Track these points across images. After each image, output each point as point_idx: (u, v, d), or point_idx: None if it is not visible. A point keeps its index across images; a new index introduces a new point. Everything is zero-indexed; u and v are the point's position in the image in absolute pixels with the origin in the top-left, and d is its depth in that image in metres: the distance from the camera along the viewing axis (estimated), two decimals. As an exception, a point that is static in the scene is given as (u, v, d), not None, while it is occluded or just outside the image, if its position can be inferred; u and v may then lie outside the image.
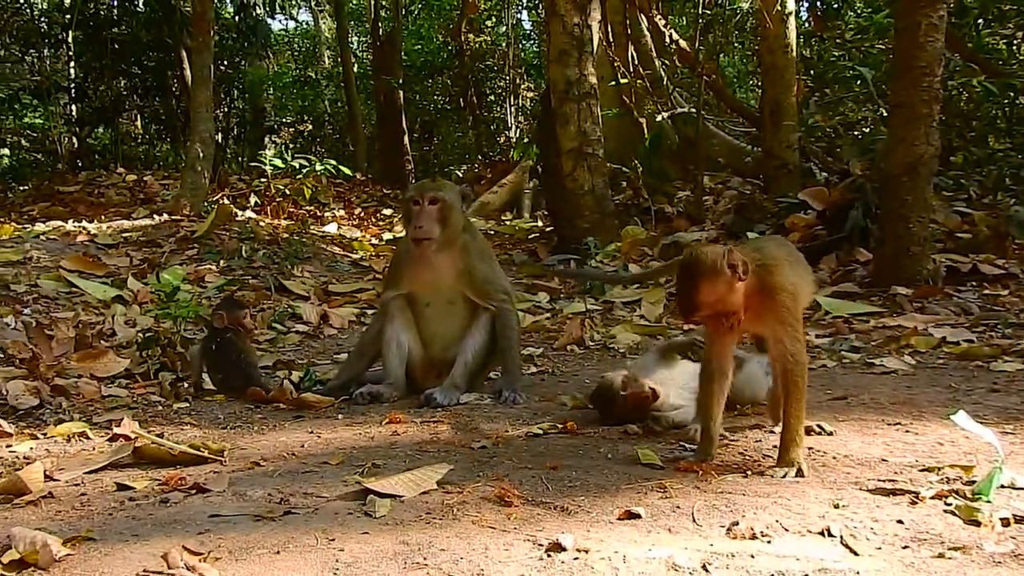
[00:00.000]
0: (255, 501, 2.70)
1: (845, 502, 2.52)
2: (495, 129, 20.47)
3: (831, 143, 10.38)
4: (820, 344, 5.27)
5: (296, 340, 6.28)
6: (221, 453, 3.27)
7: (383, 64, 17.45)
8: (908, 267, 6.25)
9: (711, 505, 2.54)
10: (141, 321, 6.06)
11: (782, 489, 2.66)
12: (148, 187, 13.46)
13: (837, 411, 3.67)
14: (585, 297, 7.02)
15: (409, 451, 3.30)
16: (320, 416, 4.10)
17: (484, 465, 3.06)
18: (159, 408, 4.29)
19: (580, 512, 2.52)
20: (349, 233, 11.41)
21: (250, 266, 8.30)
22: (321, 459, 3.22)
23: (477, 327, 4.48)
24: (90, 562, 2.24)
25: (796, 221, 7.85)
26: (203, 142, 10.83)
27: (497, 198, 13.48)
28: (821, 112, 10.63)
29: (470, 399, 4.32)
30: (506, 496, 2.64)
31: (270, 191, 11.82)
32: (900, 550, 2.19)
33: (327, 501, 2.68)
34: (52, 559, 2.23)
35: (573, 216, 8.85)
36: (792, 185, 9.01)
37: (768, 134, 9.49)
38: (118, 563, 2.22)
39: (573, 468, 2.98)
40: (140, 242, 8.88)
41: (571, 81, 8.79)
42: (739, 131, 12.37)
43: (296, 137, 20.52)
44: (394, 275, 4.69)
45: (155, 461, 3.21)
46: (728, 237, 8.27)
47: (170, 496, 2.77)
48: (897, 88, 6.37)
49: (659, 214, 9.68)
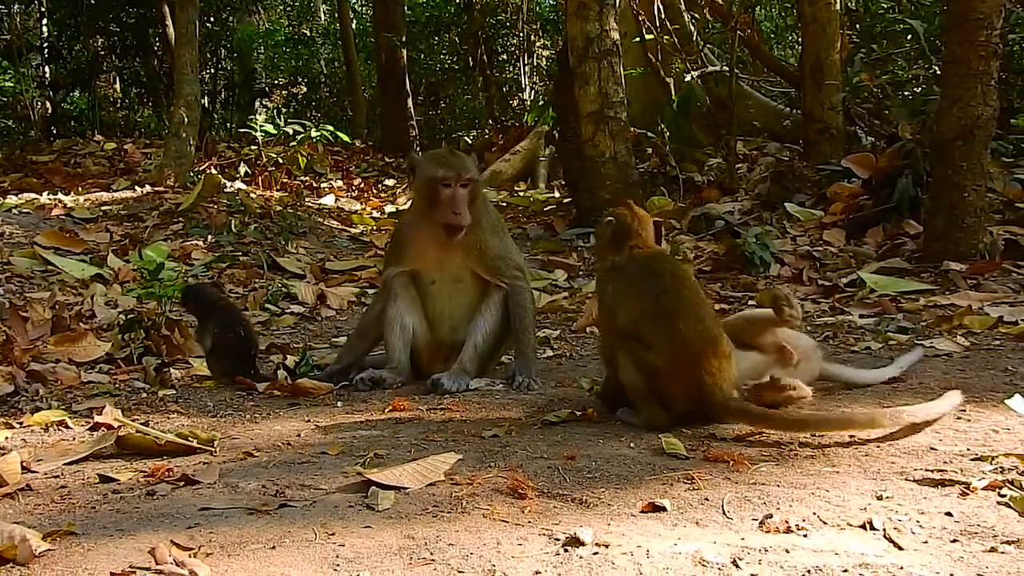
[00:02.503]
0: (248, 493, 2.74)
1: (889, 493, 2.54)
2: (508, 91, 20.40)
3: (878, 104, 10.32)
4: (864, 324, 5.27)
5: (291, 322, 6.32)
6: (211, 443, 3.31)
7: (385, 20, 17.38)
8: (962, 240, 6.22)
9: (742, 497, 2.56)
10: (123, 301, 6.12)
11: (820, 480, 2.68)
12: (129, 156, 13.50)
13: (882, 396, 3.68)
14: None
15: (414, 440, 3.33)
16: (318, 403, 4.14)
17: (496, 455, 3.09)
18: (143, 395, 4.34)
19: (600, 505, 2.55)
20: (348, 205, 11.44)
21: (240, 242, 8.34)
22: (319, 449, 3.25)
23: (488, 307, 4.50)
24: (72, 557, 2.28)
25: (839, 190, 7.82)
26: (188, 106, 10.85)
27: (510, 167, 13.47)
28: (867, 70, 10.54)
29: (480, 385, 4.34)
30: (520, 488, 2.67)
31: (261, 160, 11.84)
32: (948, 544, 2.21)
33: (326, 494, 2.72)
34: (31, 555, 2.27)
35: (593, 186, 8.84)
36: (835, 151, 8.97)
37: (808, 95, 9.43)
38: (102, 558, 2.26)
39: (592, 458, 3.01)
40: (120, 216, 8.93)
41: (591, 37, 8.75)
42: (776, 92, 12.31)
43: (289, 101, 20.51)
44: (397, 250, 4.71)
45: (140, 451, 3.26)
46: (764, 208, 8.26)
47: (156, 488, 2.82)
48: (951, 43, 6.32)
49: (688, 183, 9.65)
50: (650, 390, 3.36)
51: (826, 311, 5.78)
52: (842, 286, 6.25)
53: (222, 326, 4.64)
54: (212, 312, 4.71)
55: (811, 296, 6.20)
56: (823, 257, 6.92)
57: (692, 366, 3.27)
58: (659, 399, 3.36)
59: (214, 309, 4.73)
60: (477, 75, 20.14)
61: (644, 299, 3.40)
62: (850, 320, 5.42)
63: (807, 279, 6.57)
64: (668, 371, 3.30)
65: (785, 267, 6.88)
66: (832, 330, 5.19)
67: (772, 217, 8.03)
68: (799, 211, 7.99)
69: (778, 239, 7.33)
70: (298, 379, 4.45)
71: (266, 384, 4.43)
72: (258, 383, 4.45)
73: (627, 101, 9.12)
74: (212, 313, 4.71)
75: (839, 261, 6.82)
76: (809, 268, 6.74)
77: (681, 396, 3.31)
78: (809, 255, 6.97)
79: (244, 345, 4.65)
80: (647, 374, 3.34)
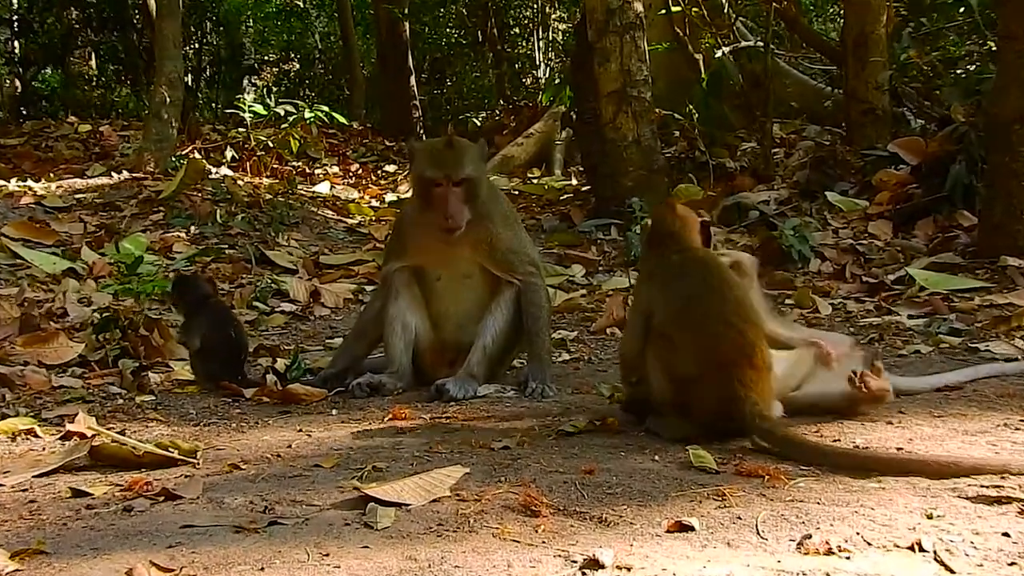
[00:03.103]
0: (234, 510, 2.74)
1: (941, 512, 2.53)
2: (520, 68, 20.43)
3: (928, 83, 10.28)
4: (913, 326, 5.25)
5: (281, 321, 6.33)
6: (193, 454, 3.31)
7: (385, -10, 17.43)
8: (1021, 233, 6.20)
9: (779, 515, 2.55)
10: (97, 298, 6.13)
11: (864, 496, 2.67)
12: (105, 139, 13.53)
13: (933, 405, 3.67)
14: (628, 270, 7.02)
15: (416, 452, 3.33)
16: (311, 411, 4.14)
17: (506, 469, 3.08)
18: (119, 401, 4.35)
19: (621, 524, 2.54)
20: (344, 194, 11.46)
21: (226, 233, 8.36)
22: (312, 461, 3.25)
23: (498, 305, 4.49)
24: (42, 579, 2.29)
25: (885, 178, 7.80)
26: (170, 85, 10.88)
27: (523, 151, 13.48)
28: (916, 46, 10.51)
29: (489, 391, 4.35)
30: (533, 505, 2.66)
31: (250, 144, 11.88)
32: (1006, 567, 2.19)
33: (320, 510, 2.72)
34: (-3, 575, 2.28)
35: (614, 172, 8.83)
36: (880, 134, 8.95)
37: (851, 72, 9.41)
38: (75, 580, 2.27)
39: (613, 472, 3.00)
40: (96, 205, 8.95)
41: (612, 9, 8.74)
42: (816, 69, 12.27)
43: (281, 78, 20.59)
44: (398, 243, 4.71)
45: (116, 463, 3.26)
46: (802, 197, 8.25)
47: (134, 504, 2.82)
48: (1007, 17, 6.30)
49: (719, 170, 9.64)
50: (678, 399, 3.36)
51: (871, 311, 5.77)
52: (889, 283, 6.24)
53: (212, 326, 4.63)
54: (202, 309, 4.70)
55: (854, 295, 6.19)
56: (868, 251, 6.91)
57: (723, 375, 3.26)
58: (686, 409, 3.36)
59: (204, 306, 4.72)
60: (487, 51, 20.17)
61: (674, 303, 3.41)
62: (898, 321, 5.41)
63: (850, 275, 6.56)
64: (698, 379, 3.30)
65: (826, 262, 6.88)
66: (878, 332, 5.17)
67: (812, 207, 8.02)
68: (841, 201, 7.97)
69: (818, 231, 7.32)
70: (289, 384, 4.45)
71: (254, 390, 4.43)
72: (245, 389, 4.45)
73: (652, 79, 9.11)
74: (202, 310, 4.70)
75: (885, 256, 6.81)
76: (852, 263, 6.73)
77: (710, 408, 3.30)
78: (852, 249, 6.96)
79: (235, 348, 4.66)
80: (676, 382, 3.35)
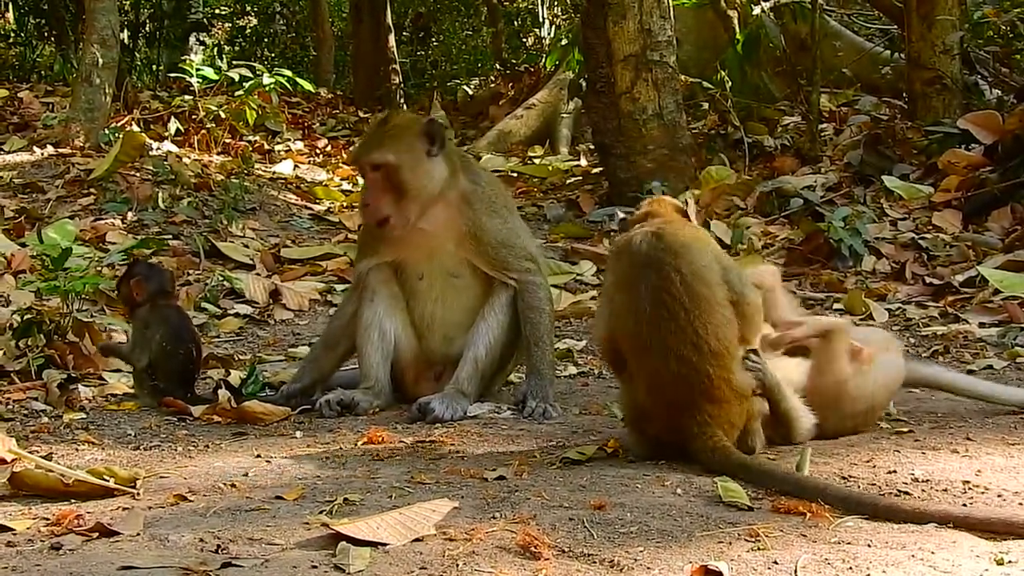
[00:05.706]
0: (181, 549, 2.76)
1: (1012, 556, 2.55)
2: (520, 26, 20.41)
3: (1006, 47, 10.28)
4: (985, 336, 5.27)
5: (236, 326, 6.34)
6: (133, 483, 3.33)
7: (359, -68, 17.43)
8: (1114, 227, 6.22)
9: (822, 559, 2.57)
10: (17, 297, 6.13)
11: (923, 538, 2.69)
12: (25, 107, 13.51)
13: (1006, 431, 3.70)
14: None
15: (396, 483, 3.35)
16: (270, 433, 4.16)
17: (502, 503, 3.10)
18: (44, 419, 4.36)
19: (637, 568, 2.57)
20: (310, 175, 11.43)
21: (170, 221, 8.34)
22: (272, 492, 3.28)
23: (492, 310, 4.51)
24: (-45, 629, 2.31)
25: (954, 160, 7.79)
26: (103, 43, 10.85)
27: (523, 125, 13.47)
28: (992, 3, 10.52)
29: (482, 411, 4.37)
30: (533, 545, 2.68)
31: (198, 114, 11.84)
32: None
33: (282, 550, 2.74)
34: (-98, 624, 2.30)
35: (631, 151, 8.84)
36: (949, 108, 8.95)
37: (915, 34, 9.41)
38: (-6, 630, 2.29)
39: (627, 508, 3.02)
40: (14, 186, 8.94)
41: (630, -44, 8.76)
42: (873, 29, 12.27)
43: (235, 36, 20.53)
44: (372, 236, 4.72)
45: (41, 493, 3.28)
46: (855, 183, 8.23)
47: (63, 541, 2.83)
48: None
49: (755, 149, 9.64)
50: (634, 417, 3.57)
51: (935, 318, 5.78)
52: (957, 285, 6.23)
53: (171, 339, 4.61)
54: (157, 311, 4.68)
55: (916, 298, 6.19)
56: (932, 247, 6.89)
57: (675, 414, 3.38)
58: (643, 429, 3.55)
59: (161, 309, 4.70)
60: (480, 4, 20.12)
61: (627, 319, 3.48)
62: (967, 330, 5.42)
63: (911, 276, 6.54)
64: (651, 412, 3.46)
65: (882, 260, 6.85)
66: (943, 342, 5.19)
67: (866, 194, 8.00)
68: (901, 187, 7.95)
69: (873, 223, 7.29)
70: (245, 401, 4.46)
71: (204, 408, 4.44)
72: (193, 406, 4.46)
73: (676, 41, 9.11)
74: (157, 313, 4.68)
75: (953, 253, 6.80)
76: (914, 261, 6.71)
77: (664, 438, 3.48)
78: (914, 244, 6.95)
79: (190, 365, 4.67)
80: (632, 405, 3.54)
